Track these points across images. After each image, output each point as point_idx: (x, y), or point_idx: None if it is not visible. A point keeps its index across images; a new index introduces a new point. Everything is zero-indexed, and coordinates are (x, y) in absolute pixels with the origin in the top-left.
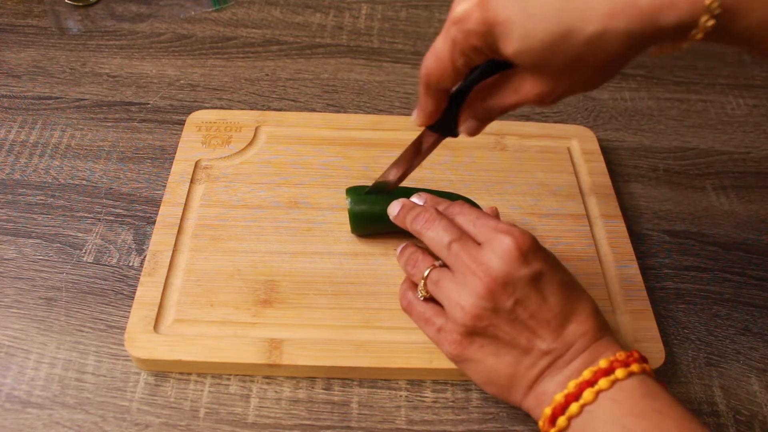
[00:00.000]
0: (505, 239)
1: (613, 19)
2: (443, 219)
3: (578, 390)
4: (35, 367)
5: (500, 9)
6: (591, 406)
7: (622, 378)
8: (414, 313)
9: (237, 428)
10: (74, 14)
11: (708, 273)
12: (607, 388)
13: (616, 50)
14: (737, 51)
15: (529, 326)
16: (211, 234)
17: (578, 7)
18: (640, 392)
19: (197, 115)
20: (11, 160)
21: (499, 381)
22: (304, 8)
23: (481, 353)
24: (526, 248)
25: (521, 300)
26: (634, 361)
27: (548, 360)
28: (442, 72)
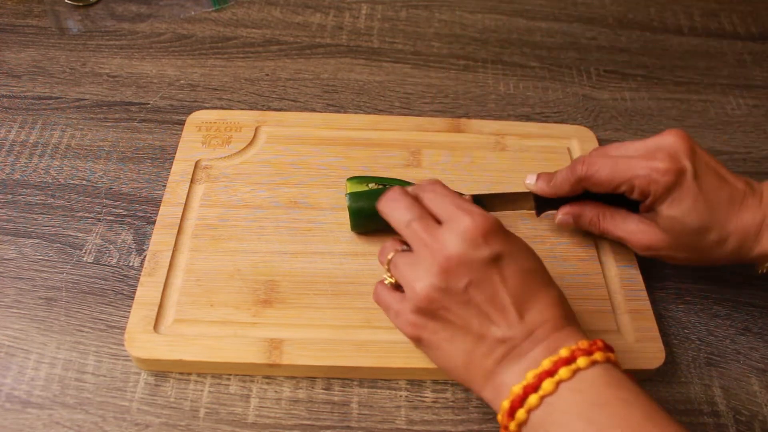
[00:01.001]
0: (465, 218)
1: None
2: (407, 198)
3: (537, 381)
4: (35, 367)
5: None
6: (551, 397)
7: (584, 367)
8: (380, 302)
9: (237, 428)
10: (74, 14)
11: (708, 273)
12: (567, 378)
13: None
14: (737, 51)
15: (483, 311)
16: (211, 234)
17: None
18: (603, 381)
19: (197, 115)
20: (11, 160)
21: (456, 369)
22: (304, 8)
23: (437, 338)
24: (487, 229)
25: (476, 282)
26: (597, 350)
27: (504, 348)
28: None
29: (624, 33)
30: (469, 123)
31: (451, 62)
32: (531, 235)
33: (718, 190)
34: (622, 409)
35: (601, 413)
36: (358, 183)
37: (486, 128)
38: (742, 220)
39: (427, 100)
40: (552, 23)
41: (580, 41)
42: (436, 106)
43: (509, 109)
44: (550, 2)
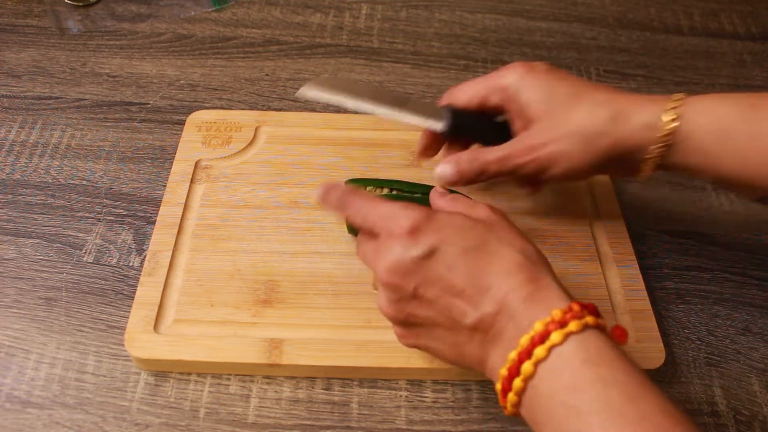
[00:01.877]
0: (390, 227)
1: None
2: None
3: (518, 362)
4: (35, 367)
5: None
6: (533, 380)
7: (559, 342)
8: None
9: (237, 428)
10: (74, 14)
11: (708, 273)
12: (544, 357)
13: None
14: (737, 51)
15: (443, 304)
16: (211, 234)
17: None
18: (580, 358)
19: (197, 115)
20: (11, 160)
21: (456, 362)
22: (304, 8)
23: (425, 340)
24: (411, 228)
25: (422, 282)
26: (572, 318)
27: (481, 333)
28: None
29: (624, 33)
30: None
31: (451, 62)
32: (531, 235)
33: (577, 79)
34: (600, 391)
35: (580, 397)
36: (358, 186)
37: None
38: (614, 93)
39: (427, 100)
40: (552, 23)
41: (580, 41)
42: None
43: None
44: (550, 2)
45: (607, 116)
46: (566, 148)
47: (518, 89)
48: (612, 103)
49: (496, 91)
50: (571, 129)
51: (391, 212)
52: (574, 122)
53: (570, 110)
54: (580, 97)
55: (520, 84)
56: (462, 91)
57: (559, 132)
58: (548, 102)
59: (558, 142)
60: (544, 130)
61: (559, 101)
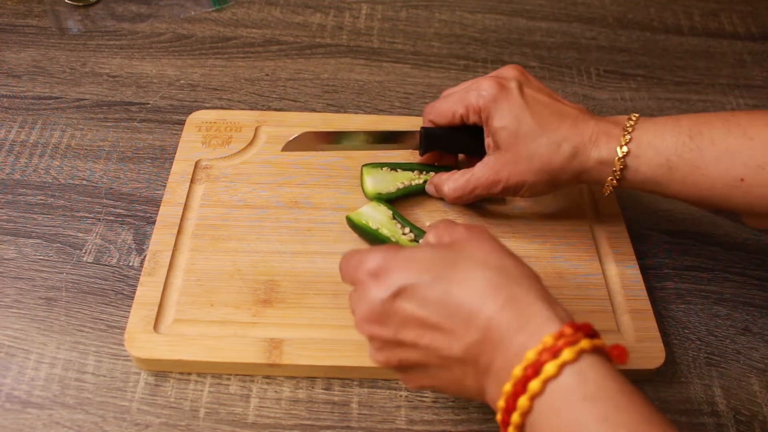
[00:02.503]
0: (358, 276)
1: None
2: None
3: (515, 394)
4: (35, 367)
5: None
6: (531, 416)
7: (554, 375)
8: None
9: (237, 428)
10: (74, 14)
11: (708, 273)
12: (540, 391)
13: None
14: (737, 51)
15: (425, 343)
16: (211, 234)
17: None
18: (578, 395)
19: (197, 115)
20: (11, 160)
21: (459, 394)
22: (304, 8)
23: (428, 381)
24: (375, 271)
25: (398, 322)
26: (566, 344)
27: (471, 365)
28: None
29: (624, 33)
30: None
31: (451, 62)
32: (532, 235)
33: (547, 105)
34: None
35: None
36: (373, 168)
37: None
38: (575, 128)
39: (427, 100)
40: (552, 23)
41: (580, 41)
42: None
43: None
44: (550, 2)
45: (568, 153)
46: (530, 179)
47: (489, 114)
48: (572, 139)
49: (471, 111)
50: (535, 165)
51: (356, 260)
52: (539, 158)
53: (535, 146)
54: (545, 132)
55: (492, 109)
56: (440, 113)
57: (523, 166)
58: (515, 134)
59: (523, 174)
60: (511, 161)
61: (525, 134)
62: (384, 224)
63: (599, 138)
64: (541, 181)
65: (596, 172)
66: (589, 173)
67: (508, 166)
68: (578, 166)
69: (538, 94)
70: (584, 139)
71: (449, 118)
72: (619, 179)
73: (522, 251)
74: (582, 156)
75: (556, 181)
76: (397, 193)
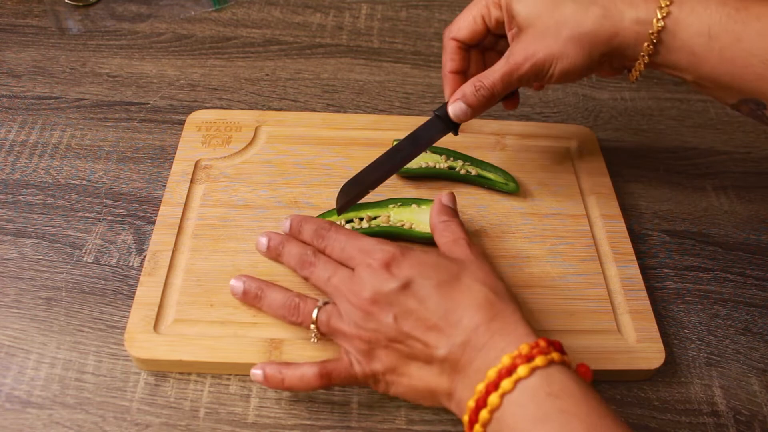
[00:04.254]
0: (367, 259)
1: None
2: (320, 257)
3: (486, 394)
4: (35, 367)
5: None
6: (498, 411)
7: (525, 376)
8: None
9: (237, 428)
10: (74, 14)
11: (708, 273)
12: (510, 389)
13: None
14: None
15: (417, 336)
16: (211, 234)
17: None
18: (544, 391)
19: (197, 115)
20: (11, 160)
21: (423, 396)
22: (304, 8)
23: (399, 375)
24: (388, 261)
25: (399, 312)
26: (539, 353)
27: (451, 364)
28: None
29: None
30: (469, 123)
31: None
32: (531, 235)
33: None
34: (562, 422)
35: (543, 428)
36: None
37: (486, 128)
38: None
39: (427, 100)
40: None
41: None
42: (436, 106)
43: None
44: None
45: (599, 14)
46: (562, 49)
47: None
48: (604, 1)
49: (491, 6)
50: (564, 30)
51: (369, 246)
52: (567, 24)
53: (561, 12)
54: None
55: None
56: (459, 27)
57: (552, 34)
58: (538, 7)
59: (553, 44)
60: (538, 35)
61: (549, 4)
62: None
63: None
64: (570, 53)
65: (631, 36)
66: (623, 37)
67: (534, 41)
68: (610, 29)
69: None
70: (617, 1)
71: (471, 25)
72: (656, 43)
73: (522, 251)
74: (615, 16)
75: (589, 52)
76: (418, 171)
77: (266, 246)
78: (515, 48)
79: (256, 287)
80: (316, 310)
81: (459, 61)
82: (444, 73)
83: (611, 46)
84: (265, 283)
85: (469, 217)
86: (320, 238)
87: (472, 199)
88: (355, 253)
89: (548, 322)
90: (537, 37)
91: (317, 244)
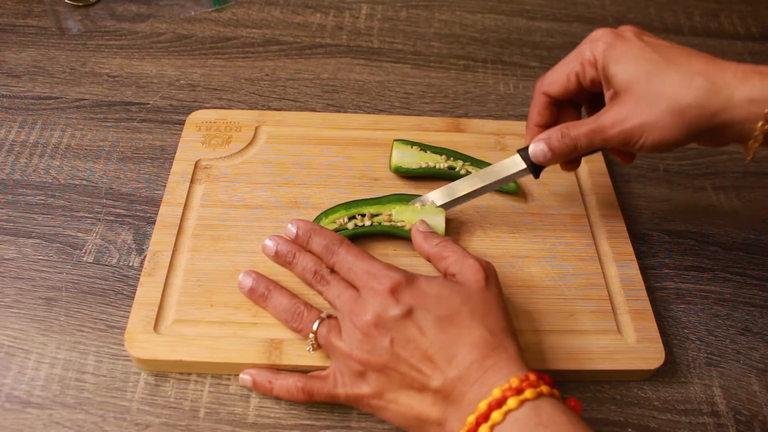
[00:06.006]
0: (373, 283)
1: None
2: (334, 276)
3: (476, 425)
4: (35, 367)
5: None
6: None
7: (515, 408)
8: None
9: (237, 428)
10: (74, 14)
11: (708, 273)
12: (500, 421)
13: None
14: (737, 51)
15: (412, 364)
16: (211, 234)
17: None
18: (533, 422)
19: (197, 115)
20: (11, 160)
21: (411, 423)
22: (304, 8)
23: (383, 402)
24: (394, 287)
25: (397, 339)
26: (528, 386)
27: (443, 396)
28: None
29: None
30: (469, 123)
31: (451, 62)
32: (531, 235)
33: (671, 46)
34: None
35: None
36: (404, 143)
37: (486, 128)
38: (713, 64)
39: (427, 100)
40: (552, 23)
41: (580, 41)
42: (436, 106)
43: (509, 109)
44: (550, 2)
45: (705, 88)
46: (656, 120)
47: (606, 61)
48: (709, 74)
49: (587, 65)
50: (663, 100)
51: (376, 269)
52: (666, 93)
53: (661, 80)
54: (674, 66)
55: (609, 55)
56: (552, 81)
57: (649, 103)
58: (637, 72)
59: (647, 113)
60: (633, 101)
61: (649, 71)
62: None
63: (749, 76)
64: (665, 125)
65: (741, 115)
66: (730, 114)
67: (628, 107)
68: (717, 105)
69: (660, 40)
70: (726, 76)
71: (564, 83)
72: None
73: (522, 251)
74: (723, 92)
75: (687, 125)
76: (418, 171)
77: (274, 251)
78: (607, 110)
79: (264, 287)
80: (318, 321)
81: (546, 117)
82: (529, 125)
83: (714, 123)
84: (274, 285)
85: (469, 217)
86: (330, 254)
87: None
88: (361, 274)
89: (548, 322)
90: (632, 103)
91: (326, 259)
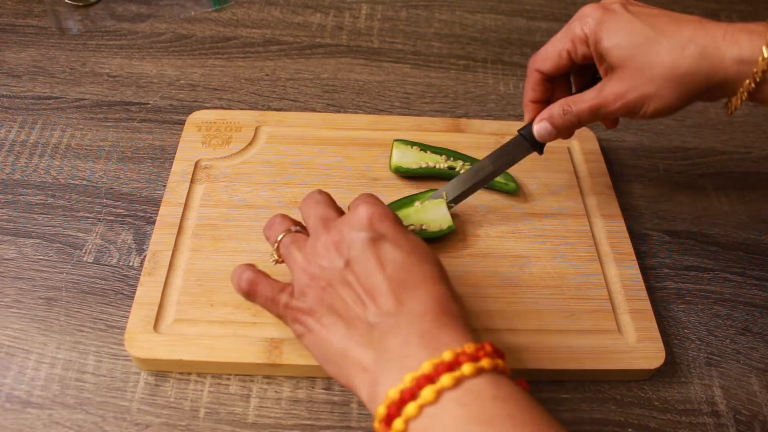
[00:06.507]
0: (361, 206)
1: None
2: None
3: (416, 386)
4: (35, 367)
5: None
6: (432, 407)
7: (470, 375)
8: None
9: (237, 428)
10: (74, 14)
11: (708, 273)
12: (451, 386)
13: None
14: None
15: (357, 292)
16: (211, 234)
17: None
18: (490, 394)
19: (197, 115)
20: (11, 160)
21: (332, 359)
22: (304, 8)
23: (318, 326)
24: (375, 214)
25: (355, 260)
26: (485, 356)
27: (378, 336)
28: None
29: None
30: (469, 123)
31: (451, 62)
32: (532, 235)
33: (660, 14)
34: (508, 427)
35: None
36: (404, 143)
37: (486, 128)
38: (702, 29)
39: (427, 100)
40: (552, 23)
41: None
42: (436, 106)
43: (509, 109)
44: (550, 2)
45: (696, 54)
46: (656, 90)
47: (597, 37)
48: (700, 39)
49: (578, 42)
50: (659, 71)
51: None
52: (662, 64)
53: (656, 52)
54: (665, 35)
55: (600, 31)
56: (544, 58)
57: (646, 75)
58: (630, 46)
59: (647, 85)
60: (631, 75)
61: (642, 43)
62: None
63: (737, 35)
64: (665, 94)
65: (731, 75)
66: (723, 76)
67: (627, 81)
68: (708, 69)
69: (647, 8)
70: (716, 38)
71: (556, 60)
72: (759, 82)
73: (522, 251)
74: (714, 57)
75: (685, 91)
76: (417, 171)
77: None
78: (607, 84)
79: None
80: (284, 233)
81: (541, 93)
82: (525, 101)
83: (709, 84)
84: None
85: (469, 217)
86: None
87: (472, 199)
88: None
89: (548, 322)
90: (630, 76)
91: None
